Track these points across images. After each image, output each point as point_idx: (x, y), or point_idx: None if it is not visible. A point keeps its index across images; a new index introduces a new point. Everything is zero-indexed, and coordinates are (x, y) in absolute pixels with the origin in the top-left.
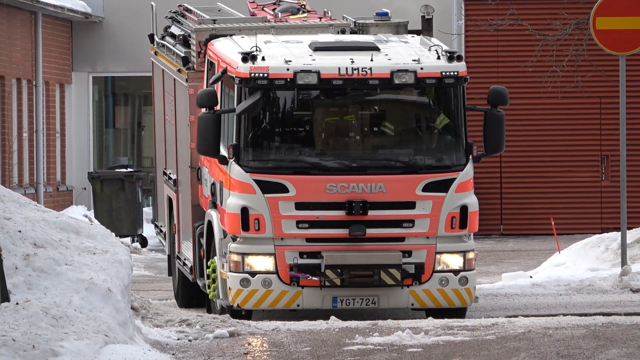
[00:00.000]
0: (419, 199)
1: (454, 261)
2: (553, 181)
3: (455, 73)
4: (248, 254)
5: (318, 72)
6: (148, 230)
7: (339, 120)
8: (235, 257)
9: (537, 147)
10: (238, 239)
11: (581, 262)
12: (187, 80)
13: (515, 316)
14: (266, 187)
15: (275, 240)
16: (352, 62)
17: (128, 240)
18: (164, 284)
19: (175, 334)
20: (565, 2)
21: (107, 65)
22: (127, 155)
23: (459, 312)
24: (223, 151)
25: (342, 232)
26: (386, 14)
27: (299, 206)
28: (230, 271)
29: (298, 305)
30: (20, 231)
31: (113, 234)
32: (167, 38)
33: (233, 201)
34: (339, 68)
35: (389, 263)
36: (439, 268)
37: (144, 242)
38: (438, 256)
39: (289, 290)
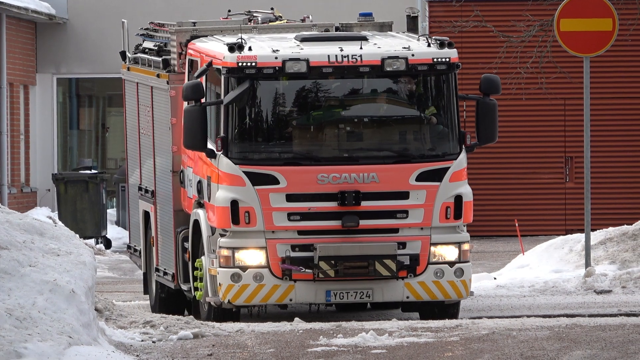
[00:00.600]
0: (412, 188)
1: (449, 252)
2: (517, 182)
3: (447, 59)
4: (238, 249)
5: (307, 60)
6: (112, 231)
7: (330, 110)
8: (225, 252)
9: (501, 148)
10: (228, 234)
11: (545, 264)
12: (168, 83)
13: (479, 317)
14: (256, 179)
15: (266, 233)
16: (342, 50)
17: (92, 241)
18: (128, 286)
19: (139, 335)
20: (530, 3)
21: (72, 66)
22: (92, 157)
23: (451, 308)
24: (210, 146)
25: (334, 224)
26: (370, 14)
27: (290, 198)
28: (220, 267)
29: (291, 300)
30: None
31: (77, 235)
32: (140, 54)
33: (222, 194)
34: (329, 56)
35: (384, 254)
36: (434, 260)
37: (108, 243)
38: (433, 247)
39: (281, 284)
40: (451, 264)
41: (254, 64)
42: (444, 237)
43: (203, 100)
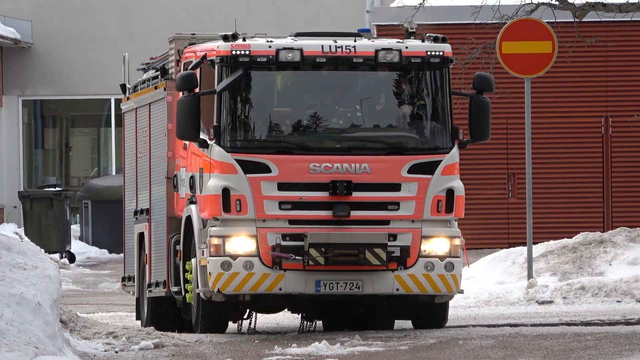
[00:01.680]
0: (404, 180)
1: (440, 246)
2: None
3: (441, 53)
4: (229, 237)
5: (301, 50)
6: (76, 246)
7: (323, 100)
8: (215, 241)
9: None
10: (219, 222)
11: (489, 276)
12: (165, 90)
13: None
14: (248, 167)
15: (257, 221)
16: (335, 41)
17: (57, 256)
18: (91, 298)
19: (102, 345)
20: (473, 27)
21: (36, 89)
22: (56, 175)
23: (440, 311)
24: (203, 136)
25: (325, 213)
26: (368, 30)
27: (282, 187)
28: (210, 256)
29: (280, 289)
30: None
31: (42, 250)
32: (140, 83)
33: (214, 182)
34: (322, 46)
35: (374, 242)
36: (424, 253)
37: (72, 258)
38: (424, 240)
39: (271, 273)
40: (442, 257)
41: (247, 52)
42: (435, 230)
43: (196, 90)
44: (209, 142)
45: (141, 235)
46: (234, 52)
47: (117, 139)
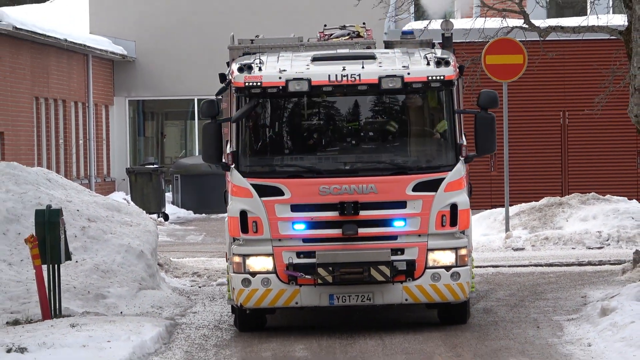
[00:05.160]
0: (409, 198)
1: (446, 257)
2: None
3: (442, 77)
4: (248, 255)
5: (309, 80)
6: (169, 209)
7: (331, 125)
8: (237, 259)
9: None
10: (239, 241)
11: (477, 230)
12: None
13: None
14: (262, 191)
15: (273, 241)
16: (343, 69)
17: (155, 216)
18: (181, 247)
19: (189, 282)
20: (464, 45)
21: (139, 92)
22: (154, 156)
23: (459, 307)
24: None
25: (335, 232)
26: (411, 32)
27: (294, 208)
28: (233, 272)
29: (297, 303)
30: (78, 210)
31: (144, 211)
32: None
33: (233, 205)
34: (329, 75)
35: (378, 260)
36: (431, 264)
37: (166, 217)
38: (430, 253)
39: (287, 288)
40: (448, 268)
41: (259, 83)
42: (440, 243)
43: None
44: (229, 166)
45: None
46: (247, 84)
47: (199, 128)
